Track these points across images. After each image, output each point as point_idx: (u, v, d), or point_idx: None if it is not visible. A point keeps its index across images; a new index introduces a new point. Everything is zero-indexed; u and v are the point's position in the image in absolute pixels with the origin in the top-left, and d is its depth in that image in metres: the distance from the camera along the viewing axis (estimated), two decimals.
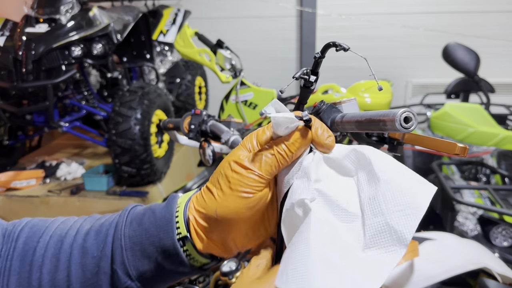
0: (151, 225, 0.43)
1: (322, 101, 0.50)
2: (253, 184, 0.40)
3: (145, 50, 3.17)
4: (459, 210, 1.82)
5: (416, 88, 4.14)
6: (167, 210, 0.44)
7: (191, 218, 0.43)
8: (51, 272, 0.43)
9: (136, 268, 0.43)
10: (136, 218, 0.45)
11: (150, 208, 0.45)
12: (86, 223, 0.47)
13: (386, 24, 4.01)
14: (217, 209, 0.41)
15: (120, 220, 0.45)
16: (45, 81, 2.33)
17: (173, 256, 0.43)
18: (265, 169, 0.40)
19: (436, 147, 0.41)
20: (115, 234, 0.44)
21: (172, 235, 0.42)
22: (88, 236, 0.45)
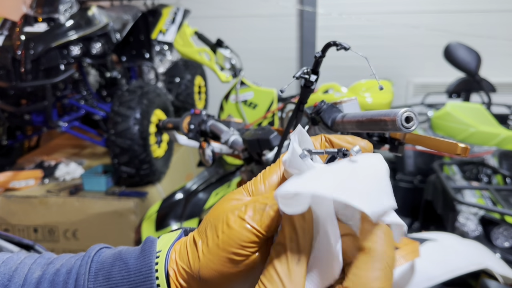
0: (124, 281, 0.34)
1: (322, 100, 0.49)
2: (247, 243, 0.31)
3: (144, 49, 3.16)
4: (460, 210, 1.81)
5: (417, 88, 4.13)
6: (143, 261, 0.35)
7: (171, 274, 0.34)
8: None
9: None
10: (102, 270, 0.36)
11: (121, 258, 0.36)
12: (35, 267, 0.38)
13: (387, 23, 4.00)
14: (200, 270, 0.32)
15: (81, 271, 0.36)
16: (43, 81, 2.32)
17: None
18: (265, 224, 0.31)
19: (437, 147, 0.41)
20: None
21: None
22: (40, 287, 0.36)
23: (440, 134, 2.36)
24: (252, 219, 0.31)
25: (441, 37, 3.59)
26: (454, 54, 2.66)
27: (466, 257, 1.10)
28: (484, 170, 2.13)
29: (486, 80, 2.80)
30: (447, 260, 1.08)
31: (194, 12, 3.61)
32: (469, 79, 2.77)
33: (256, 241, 0.31)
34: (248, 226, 0.31)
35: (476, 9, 3.96)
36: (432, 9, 4.01)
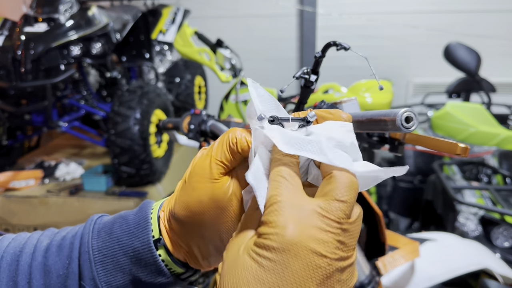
0: (123, 234, 0.38)
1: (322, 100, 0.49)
2: (207, 170, 0.36)
3: (144, 49, 3.16)
4: (460, 210, 1.81)
5: (417, 88, 4.13)
6: (140, 215, 0.39)
7: (161, 216, 0.39)
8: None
9: (107, 283, 0.38)
10: (104, 228, 0.40)
11: (121, 216, 0.41)
12: (43, 238, 0.42)
13: (387, 23, 4.00)
14: (174, 207, 0.38)
15: (85, 232, 0.40)
16: (44, 81, 2.32)
17: (150, 265, 0.38)
18: (217, 153, 0.37)
19: (437, 147, 0.41)
20: (81, 247, 0.39)
21: (147, 241, 0.38)
22: (49, 252, 0.39)
23: (440, 134, 2.37)
24: (209, 149, 0.37)
25: (441, 37, 3.59)
26: (454, 54, 2.66)
27: (466, 257, 1.10)
28: (484, 170, 2.13)
29: (486, 80, 2.80)
30: (447, 260, 1.09)
31: (194, 12, 3.61)
32: (469, 79, 2.77)
33: (217, 168, 0.36)
34: (206, 154, 0.37)
35: (476, 9, 3.96)
36: (432, 9, 4.01)
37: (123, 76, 2.96)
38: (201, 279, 1.30)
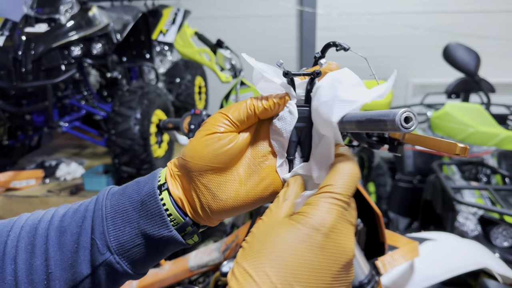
0: (134, 193, 0.42)
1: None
2: (218, 124, 0.41)
3: (145, 50, 3.17)
4: (459, 210, 1.82)
5: (416, 88, 4.14)
6: (151, 176, 0.43)
7: (168, 166, 0.43)
8: (27, 261, 0.41)
9: (116, 238, 0.40)
10: (119, 190, 0.43)
11: (134, 180, 0.44)
12: (60, 208, 0.46)
13: (386, 24, 4.01)
14: (186, 152, 0.41)
15: (100, 195, 0.44)
16: (44, 81, 2.32)
17: (154, 215, 0.41)
18: (232, 112, 0.41)
19: (437, 147, 0.41)
20: (96, 206, 0.42)
21: (152, 186, 0.42)
22: (65, 216, 0.43)
23: (440, 134, 2.37)
24: (225, 110, 0.41)
25: (440, 37, 3.60)
26: (453, 55, 2.67)
27: (465, 257, 1.10)
28: (483, 170, 2.14)
29: (485, 80, 2.81)
30: (447, 260, 1.09)
31: (194, 12, 3.61)
32: (468, 80, 2.77)
33: (226, 124, 0.41)
34: (222, 114, 0.41)
35: (475, 10, 3.97)
36: (432, 10, 4.01)
37: (124, 77, 2.96)
38: (201, 278, 1.31)
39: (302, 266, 0.31)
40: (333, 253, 0.32)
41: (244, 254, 0.33)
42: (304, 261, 0.31)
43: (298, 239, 0.32)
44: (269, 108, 0.41)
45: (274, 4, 4.05)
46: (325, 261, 0.32)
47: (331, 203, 0.33)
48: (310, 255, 0.31)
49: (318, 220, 0.32)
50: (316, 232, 0.32)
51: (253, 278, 0.31)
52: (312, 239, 0.32)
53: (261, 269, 0.31)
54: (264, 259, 0.31)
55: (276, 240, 0.32)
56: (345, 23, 4.08)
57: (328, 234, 0.32)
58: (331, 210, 0.33)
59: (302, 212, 0.34)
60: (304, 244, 0.32)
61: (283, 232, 0.33)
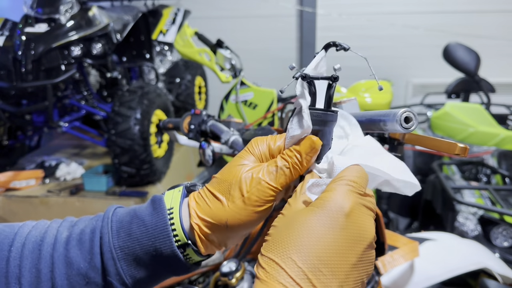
0: (143, 236, 0.42)
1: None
2: (269, 198, 0.41)
3: (145, 50, 3.17)
4: (459, 210, 1.82)
5: (416, 88, 4.14)
6: (158, 218, 0.42)
7: (195, 227, 0.42)
8: (32, 284, 0.41)
9: (132, 276, 0.42)
10: (123, 228, 0.43)
11: (137, 216, 0.43)
12: (62, 229, 0.44)
13: (386, 23, 4.01)
14: (228, 220, 0.41)
15: (104, 231, 0.43)
16: (44, 81, 2.32)
17: (173, 263, 0.42)
18: (280, 182, 0.41)
19: (437, 147, 0.41)
20: (103, 246, 0.42)
21: (171, 245, 0.41)
22: (69, 245, 0.42)
23: (440, 134, 2.37)
24: (271, 180, 0.40)
25: (440, 37, 3.60)
26: (453, 55, 2.66)
27: (465, 257, 1.10)
28: (483, 170, 2.14)
29: (485, 80, 2.81)
30: (447, 260, 1.09)
31: (194, 12, 3.61)
32: (468, 80, 2.77)
33: (274, 195, 0.41)
34: (269, 186, 0.40)
35: (475, 10, 3.97)
36: (432, 10, 4.01)
37: (124, 77, 2.96)
38: (201, 278, 1.31)
39: (326, 249, 0.32)
40: (355, 233, 0.33)
41: (267, 246, 0.34)
42: (328, 244, 0.32)
43: (320, 223, 0.33)
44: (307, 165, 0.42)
45: (274, 4, 4.05)
46: (348, 241, 0.32)
47: (347, 188, 0.35)
48: (333, 237, 0.32)
49: (337, 203, 0.34)
50: (336, 214, 0.33)
51: (280, 265, 0.31)
52: (333, 221, 0.33)
53: (287, 256, 0.32)
54: (289, 247, 0.32)
55: (299, 227, 0.33)
56: (345, 23, 4.08)
57: (348, 215, 0.33)
58: (348, 193, 0.35)
59: (321, 198, 0.35)
60: (326, 227, 0.33)
61: (305, 218, 0.34)
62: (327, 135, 0.41)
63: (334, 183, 0.36)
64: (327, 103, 0.41)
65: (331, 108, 0.41)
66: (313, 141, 0.41)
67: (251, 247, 0.96)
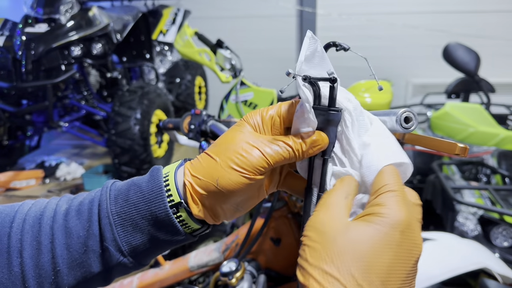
0: (139, 200, 0.42)
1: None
2: (259, 168, 0.41)
3: (145, 50, 3.17)
4: (459, 210, 1.82)
5: (416, 88, 4.14)
6: (153, 183, 0.43)
7: (187, 183, 0.42)
8: (33, 256, 0.42)
9: (128, 243, 0.42)
10: (120, 195, 0.43)
11: (134, 183, 0.44)
12: (61, 203, 0.46)
13: (386, 23, 4.01)
14: (219, 179, 0.41)
15: (102, 198, 0.44)
16: (44, 81, 2.33)
17: (168, 227, 0.42)
18: (274, 159, 0.41)
19: (437, 147, 0.41)
20: (101, 212, 0.43)
21: (165, 207, 0.42)
22: (68, 216, 0.43)
23: (439, 134, 2.37)
24: (265, 152, 0.41)
25: (440, 37, 3.60)
26: (453, 55, 2.67)
27: (465, 257, 1.10)
28: (483, 170, 2.14)
29: (485, 80, 2.81)
30: (447, 260, 1.09)
31: (194, 12, 3.61)
32: (468, 80, 2.78)
33: (266, 167, 0.41)
34: (262, 156, 0.41)
35: (475, 10, 3.97)
36: (431, 10, 4.01)
37: (124, 77, 2.96)
38: (201, 278, 1.31)
39: (383, 265, 0.32)
40: (408, 249, 0.33)
41: (318, 255, 0.33)
42: (384, 260, 0.32)
43: (379, 239, 0.33)
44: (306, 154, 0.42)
45: (274, 4, 4.05)
46: (401, 257, 0.33)
47: (398, 201, 0.35)
48: (390, 253, 0.32)
49: (394, 218, 0.34)
50: (394, 230, 0.33)
51: (340, 281, 0.31)
52: (391, 237, 0.33)
53: (347, 271, 0.31)
54: (349, 261, 0.32)
55: (358, 241, 0.33)
56: (345, 23, 4.08)
57: (403, 231, 0.33)
58: (402, 207, 0.34)
59: (376, 213, 0.34)
60: (384, 243, 0.32)
61: (363, 233, 0.33)
62: (330, 134, 0.42)
63: (384, 196, 0.35)
64: (330, 102, 0.41)
65: (334, 107, 0.41)
66: (321, 138, 0.41)
67: (251, 247, 0.96)
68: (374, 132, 0.41)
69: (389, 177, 0.37)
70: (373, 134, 0.41)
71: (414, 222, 0.35)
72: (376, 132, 0.41)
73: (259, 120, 0.44)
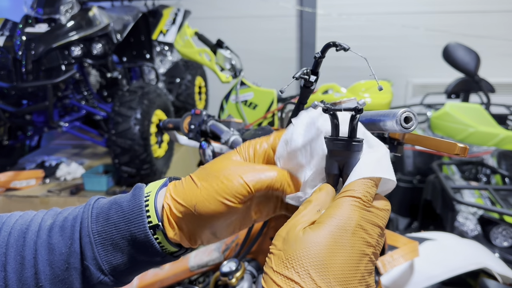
0: (120, 220, 0.42)
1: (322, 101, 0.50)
2: (239, 195, 0.40)
3: (145, 50, 3.17)
4: (459, 210, 1.82)
5: (416, 88, 4.14)
6: (135, 202, 0.43)
7: (165, 206, 0.43)
8: (17, 271, 0.42)
9: (108, 262, 0.42)
10: (102, 213, 0.44)
11: (116, 202, 0.44)
12: (47, 217, 0.46)
13: (386, 24, 4.01)
14: (197, 205, 0.41)
15: (84, 216, 0.44)
16: (44, 81, 2.33)
17: (147, 248, 0.42)
18: (256, 187, 0.41)
19: (437, 147, 0.41)
20: (82, 230, 0.43)
21: (144, 228, 0.42)
22: (52, 232, 0.43)
23: (439, 134, 2.37)
24: (247, 179, 0.41)
25: (440, 37, 3.60)
26: (453, 55, 2.67)
27: (465, 257, 1.11)
28: (483, 170, 2.14)
29: (485, 80, 2.81)
30: (446, 260, 1.09)
31: (194, 13, 3.61)
32: (468, 80, 2.78)
33: (246, 195, 0.41)
34: (243, 183, 0.40)
35: (475, 10, 3.97)
36: (431, 10, 4.02)
37: (124, 77, 2.96)
38: (201, 278, 1.31)
39: (338, 265, 0.32)
40: (361, 249, 0.33)
41: (280, 262, 0.33)
42: (338, 260, 0.33)
43: (331, 240, 0.33)
44: None
45: (274, 4, 4.05)
46: (355, 257, 0.33)
47: (352, 204, 0.35)
48: (342, 253, 0.33)
49: (343, 219, 0.34)
50: (343, 231, 0.33)
51: (300, 285, 0.31)
52: (342, 238, 0.33)
53: (306, 274, 0.32)
54: (307, 264, 0.32)
55: (312, 243, 0.33)
56: (345, 23, 4.08)
57: (355, 232, 0.34)
58: (353, 209, 0.35)
59: (328, 214, 0.35)
60: (335, 244, 0.33)
61: (317, 235, 0.33)
62: (352, 165, 0.39)
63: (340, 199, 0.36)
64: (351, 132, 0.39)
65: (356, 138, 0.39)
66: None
67: (251, 247, 0.96)
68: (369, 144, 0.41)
69: (358, 185, 0.36)
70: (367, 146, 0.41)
71: (367, 224, 0.34)
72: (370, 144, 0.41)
73: (252, 153, 0.44)
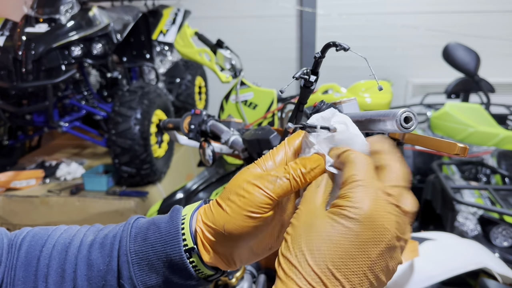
0: (157, 241, 0.43)
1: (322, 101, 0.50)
2: (263, 205, 0.41)
3: (145, 50, 3.17)
4: (459, 210, 1.82)
5: (416, 88, 4.14)
6: (172, 224, 0.44)
7: (198, 230, 0.43)
8: (57, 283, 0.44)
9: (143, 282, 0.43)
10: (140, 233, 0.45)
11: (154, 223, 0.45)
12: (89, 233, 0.48)
13: (386, 24, 4.01)
14: (225, 225, 0.41)
15: (124, 235, 0.45)
16: (45, 81, 2.33)
17: (181, 271, 0.43)
18: (277, 192, 0.41)
19: (436, 147, 0.41)
20: (120, 249, 0.44)
21: (179, 250, 0.42)
22: (92, 248, 0.45)
23: (439, 134, 2.37)
24: (266, 188, 0.40)
25: (440, 37, 3.60)
26: (453, 55, 2.67)
27: (465, 257, 1.11)
28: (483, 170, 2.14)
29: (485, 80, 2.81)
30: (446, 260, 1.09)
31: (194, 12, 3.61)
32: (468, 80, 2.78)
33: (270, 203, 0.40)
34: (263, 193, 0.40)
35: (475, 10, 3.97)
36: (431, 10, 4.01)
37: (124, 77, 2.96)
38: None
39: (340, 255, 0.33)
40: (369, 239, 0.34)
41: (287, 246, 0.35)
42: (342, 250, 0.33)
43: (337, 233, 0.34)
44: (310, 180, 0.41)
45: (274, 4, 4.05)
46: (361, 247, 0.34)
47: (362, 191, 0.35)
48: (346, 243, 0.34)
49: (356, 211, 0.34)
50: (353, 222, 0.34)
51: (298, 268, 0.34)
52: (350, 230, 0.34)
53: (304, 260, 0.34)
54: (306, 251, 0.34)
55: (316, 233, 0.34)
56: (345, 23, 4.08)
57: (363, 223, 0.34)
58: (364, 198, 0.35)
59: (338, 205, 0.35)
60: (343, 235, 0.34)
61: (323, 226, 0.35)
62: None
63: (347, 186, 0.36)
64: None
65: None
66: (320, 158, 0.41)
67: None
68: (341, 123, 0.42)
69: (357, 167, 0.37)
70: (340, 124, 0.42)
71: (379, 212, 0.34)
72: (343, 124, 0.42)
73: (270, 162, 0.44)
